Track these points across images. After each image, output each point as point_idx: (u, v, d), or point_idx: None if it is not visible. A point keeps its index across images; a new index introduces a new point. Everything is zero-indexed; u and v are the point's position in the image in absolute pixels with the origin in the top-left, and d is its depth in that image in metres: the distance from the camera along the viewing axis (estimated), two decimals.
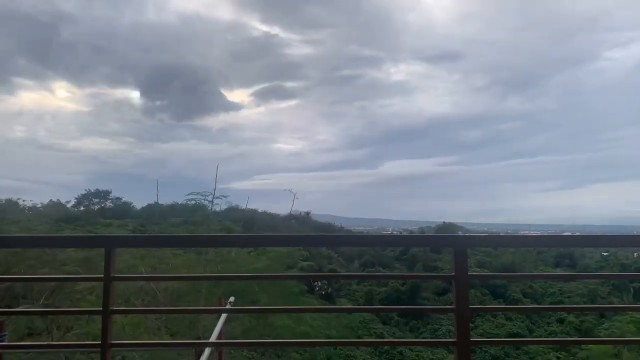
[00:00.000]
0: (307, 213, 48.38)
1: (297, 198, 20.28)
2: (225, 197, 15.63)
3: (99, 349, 2.46)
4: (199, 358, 4.46)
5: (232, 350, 12.22)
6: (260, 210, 45.15)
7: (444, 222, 53.84)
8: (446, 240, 2.91)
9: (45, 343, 7.74)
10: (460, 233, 42.90)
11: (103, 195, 42.51)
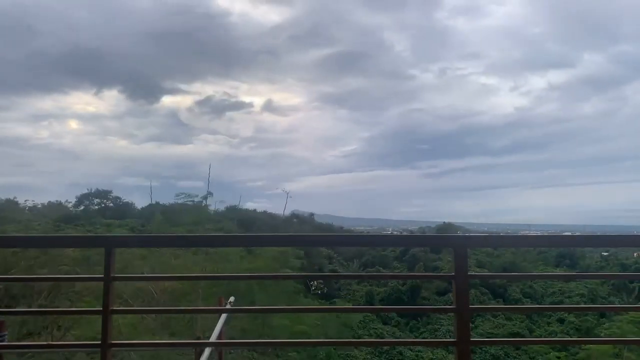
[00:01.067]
0: (311, 214, 48.38)
1: (290, 197, 20.35)
2: (221, 201, 15.71)
3: (99, 349, 2.46)
4: (199, 358, 4.46)
5: (232, 350, 12.22)
6: (259, 210, 45.24)
7: (444, 222, 53.74)
8: (446, 240, 2.91)
9: (45, 343, 7.73)
10: (460, 233, 42.89)
11: (103, 195, 42.45)
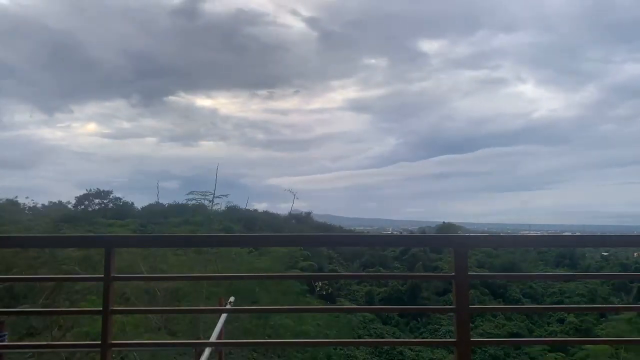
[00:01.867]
0: (309, 213, 48.18)
1: (297, 198, 20.26)
2: (225, 196, 15.65)
3: (99, 349, 2.46)
4: (199, 358, 4.46)
5: (232, 351, 12.21)
6: (260, 210, 45.19)
7: (443, 222, 53.71)
8: (446, 240, 2.91)
9: (45, 343, 7.73)
10: (460, 233, 42.85)
11: (103, 195, 42.46)
